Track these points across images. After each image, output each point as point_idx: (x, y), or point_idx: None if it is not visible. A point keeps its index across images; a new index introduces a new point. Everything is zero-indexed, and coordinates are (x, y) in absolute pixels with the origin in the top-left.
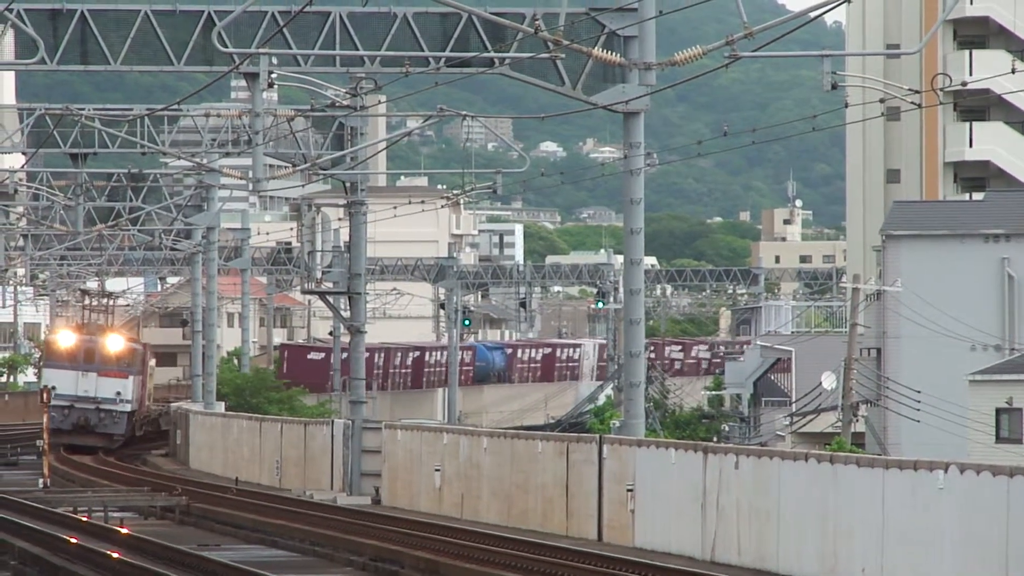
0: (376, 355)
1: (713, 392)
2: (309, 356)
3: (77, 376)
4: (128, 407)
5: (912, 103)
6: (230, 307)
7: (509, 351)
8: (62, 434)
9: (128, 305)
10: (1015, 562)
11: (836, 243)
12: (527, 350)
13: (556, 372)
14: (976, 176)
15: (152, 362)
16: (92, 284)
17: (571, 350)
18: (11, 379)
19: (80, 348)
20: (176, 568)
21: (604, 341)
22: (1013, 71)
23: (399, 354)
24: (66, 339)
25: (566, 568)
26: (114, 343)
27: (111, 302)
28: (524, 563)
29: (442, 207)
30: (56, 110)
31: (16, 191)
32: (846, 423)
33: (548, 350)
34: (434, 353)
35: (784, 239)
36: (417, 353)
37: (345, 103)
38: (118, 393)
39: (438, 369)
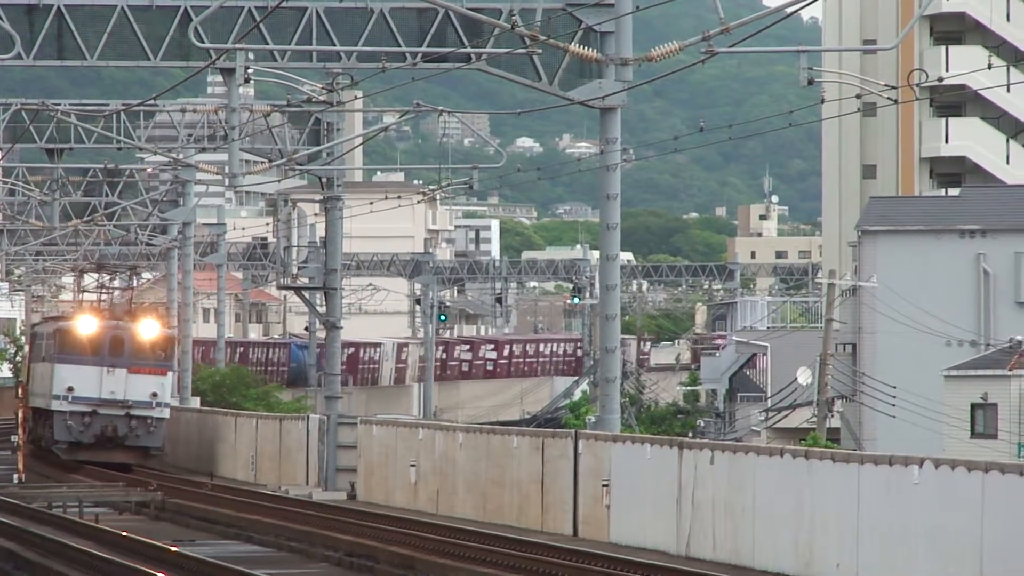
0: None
1: (688, 387)
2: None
3: (101, 373)
4: (166, 412)
5: (888, 99)
6: (206, 302)
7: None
8: (81, 449)
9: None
10: (989, 557)
11: (812, 239)
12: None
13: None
14: (952, 172)
15: None
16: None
17: (372, 350)
18: None
19: (104, 336)
20: (151, 563)
21: (409, 340)
22: (989, 67)
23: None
24: (86, 325)
25: (541, 563)
26: (148, 329)
27: (136, 279)
28: (499, 558)
29: (418, 202)
30: (32, 105)
31: None
32: (821, 418)
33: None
34: (368, 349)
35: (760, 235)
36: (351, 349)
37: (321, 98)
38: (154, 394)
39: (371, 366)
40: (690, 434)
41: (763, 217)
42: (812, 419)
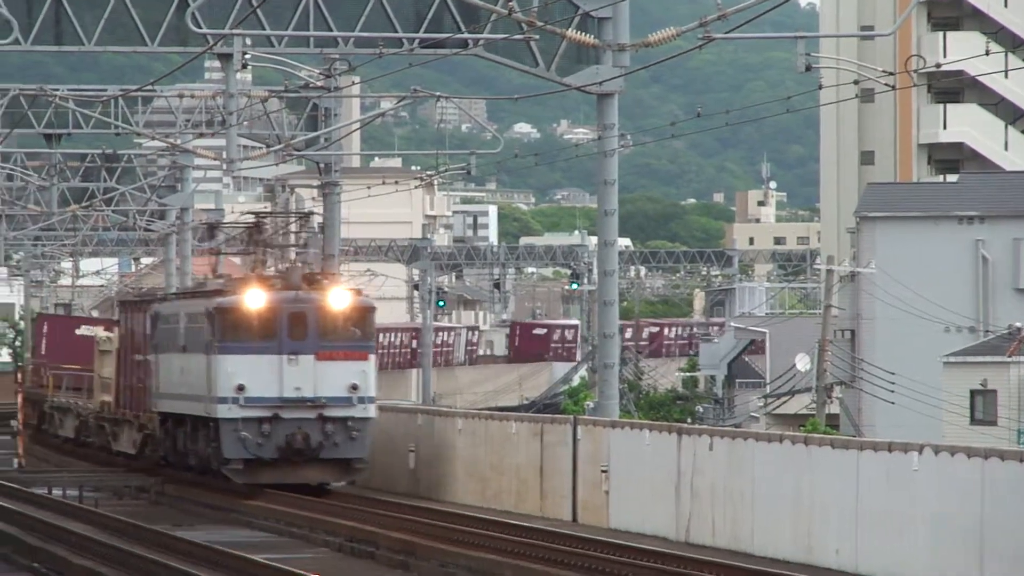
0: None
1: (687, 374)
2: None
3: (281, 364)
4: (372, 409)
5: (886, 85)
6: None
7: None
8: (262, 468)
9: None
10: (989, 543)
11: (810, 225)
12: None
13: None
14: (950, 158)
15: None
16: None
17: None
18: None
19: (281, 313)
20: (150, 548)
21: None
22: (987, 53)
23: None
24: (254, 300)
25: (541, 549)
26: (338, 299)
27: (302, 229)
28: (499, 544)
29: (416, 188)
30: (30, 90)
31: None
32: (820, 405)
33: None
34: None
35: (758, 221)
36: None
37: (319, 84)
38: (354, 387)
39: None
40: (689, 420)
41: (761, 203)
42: (811, 405)
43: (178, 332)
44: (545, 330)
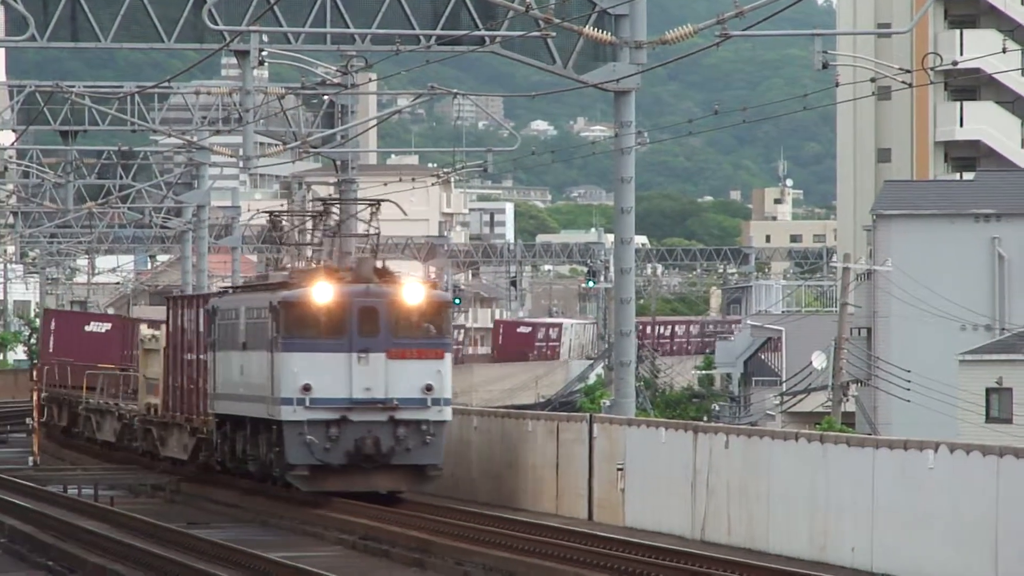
0: None
1: (703, 371)
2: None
3: (350, 362)
4: (447, 412)
5: (903, 82)
6: (220, 284)
7: None
8: (329, 474)
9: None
10: (1004, 541)
11: (827, 222)
12: None
13: None
14: (967, 156)
15: None
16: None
17: None
18: (1, 357)
19: (350, 308)
20: (165, 546)
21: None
22: (1004, 50)
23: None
24: (322, 293)
25: (557, 547)
26: (412, 293)
27: (375, 218)
28: (515, 542)
29: (432, 185)
30: (46, 87)
31: (6, 169)
32: (836, 403)
33: None
34: None
35: (775, 218)
36: None
37: (336, 81)
38: (428, 387)
39: None
40: (705, 418)
41: (778, 201)
42: (827, 403)
43: (238, 328)
44: (530, 329)
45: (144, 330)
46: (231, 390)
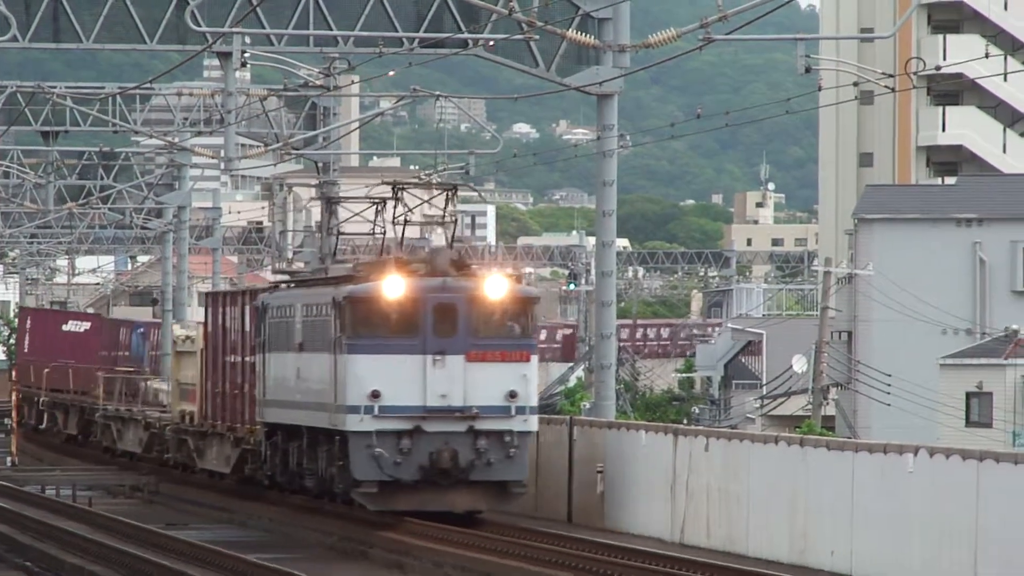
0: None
1: (684, 374)
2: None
3: (424, 366)
4: (534, 422)
5: (886, 87)
6: (201, 286)
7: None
8: (400, 492)
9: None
10: (984, 545)
11: (808, 226)
12: None
13: None
14: (949, 160)
15: None
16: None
17: None
18: None
19: (424, 304)
20: (143, 547)
21: None
22: (987, 56)
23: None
24: (394, 288)
25: (535, 549)
26: (495, 288)
27: (451, 203)
28: (492, 544)
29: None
30: (28, 88)
31: None
32: (816, 406)
33: None
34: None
35: (756, 222)
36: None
37: (318, 83)
38: (512, 394)
39: None
40: (685, 421)
41: (759, 204)
42: (807, 407)
43: (293, 327)
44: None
45: (177, 330)
46: (284, 396)
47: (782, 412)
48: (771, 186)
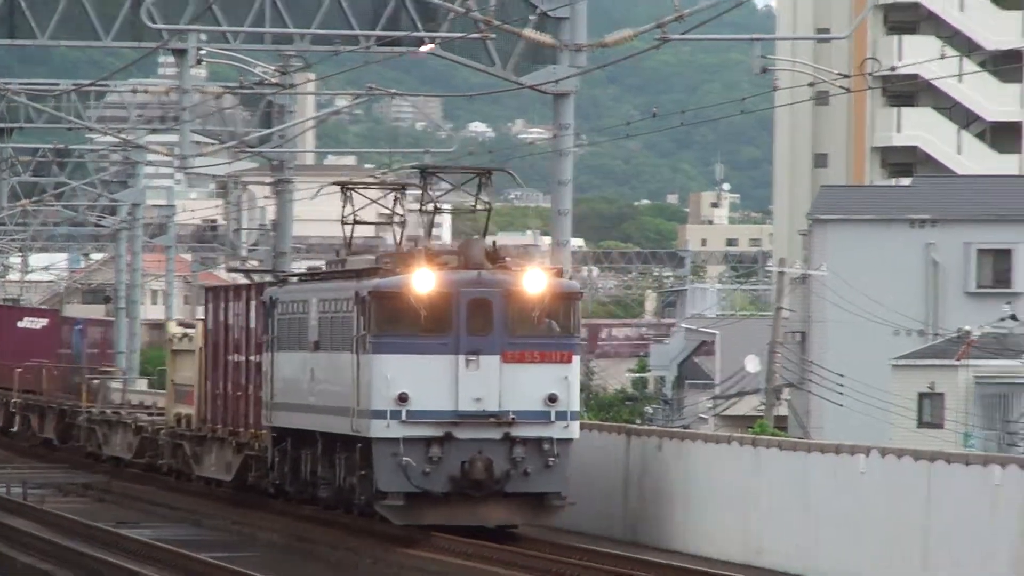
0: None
1: (637, 374)
2: (20, 324)
3: (456, 367)
4: (575, 428)
5: (841, 87)
6: (154, 284)
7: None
8: (426, 504)
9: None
10: (935, 545)
11: (763, 227)
12: None
13: None
14: (903, 161)
15: None
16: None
17: None
18: None
19: (457, 300)
20: (94, 545)
21: None
22: (943, 57)
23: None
24: (423, 282)
25: (489, 549)
26: (533, 282)
27: (485, 190)
28: (442, 543)
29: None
30: None
31: None
32: (769, 406)
33: None
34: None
35: (711, 222)
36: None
37: (274, 81)
38: (552, 398)
39: None
40: (638, 421)
41: (714, 205)
42: (760, 407)
43: (307, 324)
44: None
45: (173, 327)
46: (296, 399)
47: (735, 412)
48: (726, 186)
